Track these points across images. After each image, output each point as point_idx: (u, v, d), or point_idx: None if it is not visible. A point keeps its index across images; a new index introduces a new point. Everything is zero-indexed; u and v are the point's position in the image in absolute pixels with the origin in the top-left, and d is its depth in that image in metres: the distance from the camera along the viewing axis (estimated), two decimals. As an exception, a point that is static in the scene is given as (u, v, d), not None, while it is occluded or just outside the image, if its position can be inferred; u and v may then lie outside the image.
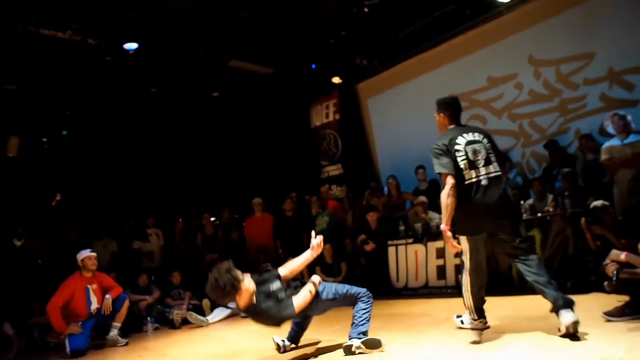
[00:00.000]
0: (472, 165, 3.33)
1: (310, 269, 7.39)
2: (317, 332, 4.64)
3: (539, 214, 5.65)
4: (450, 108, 3.64)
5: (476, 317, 3.58)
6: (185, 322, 6.62)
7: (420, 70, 8.83)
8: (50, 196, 9.65)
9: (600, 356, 2.62)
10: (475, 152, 3.36)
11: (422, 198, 7.17)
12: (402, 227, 6.93)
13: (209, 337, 5.59)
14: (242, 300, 3.35)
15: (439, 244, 6.27)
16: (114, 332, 5.78)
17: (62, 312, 5.53)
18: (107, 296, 5.78)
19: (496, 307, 4.63)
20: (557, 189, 6.24)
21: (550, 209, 5.61)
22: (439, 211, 6.94)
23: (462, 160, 3.33)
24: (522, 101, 7.66)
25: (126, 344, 5.67)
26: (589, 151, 6.26)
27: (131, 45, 6.99)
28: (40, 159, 9.33)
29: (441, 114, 3.65)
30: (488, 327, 3.62)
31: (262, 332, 5.38)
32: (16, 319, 6.27)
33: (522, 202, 6.13)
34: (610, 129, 5.60)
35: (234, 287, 3.26)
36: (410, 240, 6.64)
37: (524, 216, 5.78)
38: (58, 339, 5.79)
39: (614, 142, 5.53)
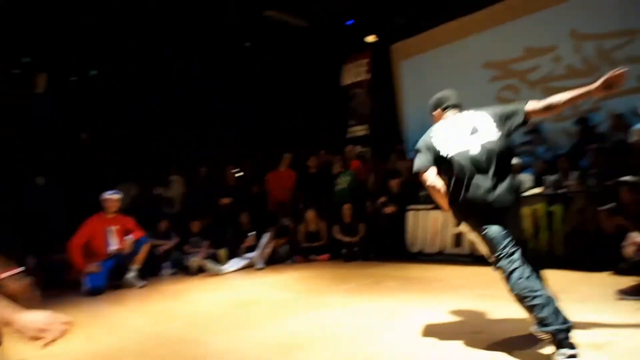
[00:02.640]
0: (459, 142, 2.91)
1: (328, 227, 7.53)
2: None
3: (563, 190, 5.61)
4: (442, 103, 3.16)
5: None
6: (201, 270, 6.82)
7: (458, 35, 8.58)
8: (75, 135, 9.81)
9: (610, 331, 2.65)
10: (456, 132, 2.93)
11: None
12: (422, 193, 6.94)
13: (223, 285, 5.76)
14: None
15: (458, 212, 6.29)
16: (132, 274, 5.96)
17: (83, 251, 5.71)
18: (128, 237, 5.95)
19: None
20: (583, 167, 6.16)
21: (574, 185, 5.57)
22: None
23: (443, 146, 2.91)
24: (558, 75, 7.44)
25: (144, 286, 5.87)
26: (619, 131, 6.12)
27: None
28: (68, 98, 9.41)
29: (434, 113, 3.22)
30: None
31: (274, 284, 5.57)
32: (39, 253, 6.51)
33: (546, 177, 6.08)
34: (643, 110, 5.46)
35: None
36: (430, 207, 6.66)
37: (547, 191, 5.76)
38: (77, 277, 5.96)
39: (645, 124, 5.40)
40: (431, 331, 2.99)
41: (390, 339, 2.91)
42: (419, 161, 2.94)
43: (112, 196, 6.06)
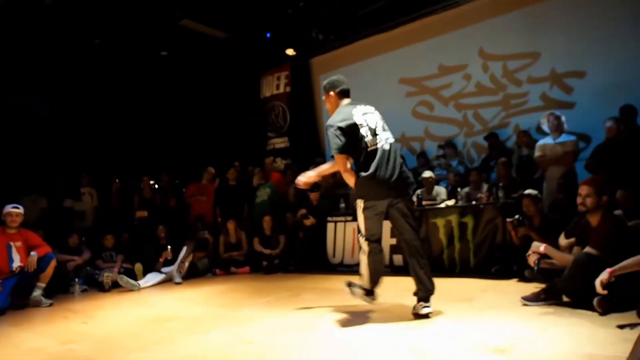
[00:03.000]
0: (373, 132, 3.46)
1: (249, 239, 7.42)
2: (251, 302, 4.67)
3: (474, 202, 5.90)
4: (340, 85, 3.69)
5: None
6: (115, 286, 6.44)
7: (375, 51, 8.87)
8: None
9: (514, 336, 2.80)
10: (371, 121, 3.51)
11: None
12: (342, 205, 7.04)
13: (138, 302, 5.48)
14: None
15: (377, 223, 6.43)
16: (37, 292, 5.51)
17: (-18, 269, 5.25)
18: (32, 253, 5.51)
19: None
20: (493, 180, 6.54)
21: (484, 198, 5.87)
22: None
23: (363, 129, 3.43)
24: (469, 92, 7.90)
25: (50, 305, 5.45)
26: (524, 146, 6.59)
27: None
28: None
29: (330, 93, 3.69)
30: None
31: (192, 298, 5.38)
32: None
33: (459, 189, 6.39)
34: (545, 127, 5.92)
35: None
36: (350, 218, 6.75)
37: (460, 203, 6.03)
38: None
39: (547, 140, 5.85)
40: (347, 343, 2.99)
41: (304, 355, 2.88)
42: (340, 143, 3.37)
43: (13, 210, 5.59)
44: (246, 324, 3.73)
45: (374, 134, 3.47)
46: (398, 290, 4.77)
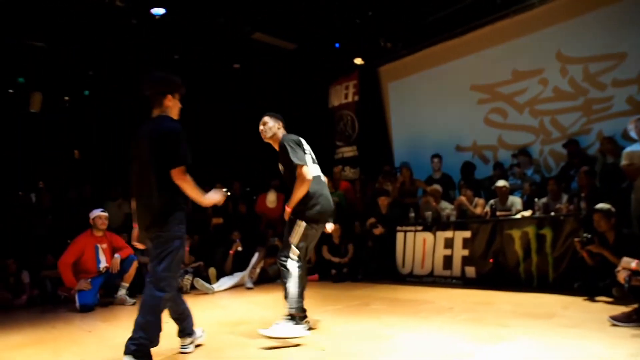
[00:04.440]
0: (314, 161, 3.84)
1: (317, 248, 7.49)
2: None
3: (552, 213, 5.62)
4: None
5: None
6: (192, 288, 6.75)
7: (445, 58, 8.70)
8: (68, 153, 9.79)
9: (601, 359, 2.63)
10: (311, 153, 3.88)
11: (437, 187, 7.16)
12: (412, 214, 6.95)
13: (213, 304, 5.70)
14: None
15: (448, 233, 6.30)
16: (122, 292, 5.93)
17: (73, 268, 5.73)
18: (115, 255, 5.93)
19: (501, 302, 4.67)
20: (573, 190, 6.19)
21: (564, 209, 5.57)
22: (451, 201, 7.00)
23: (308, 155, 3.78)
24: (545, 97, 7.53)
25: (134, 304, 5.81)
26: (609, 154, 6.16)
27: (158, 11, 6.97)
28: (61, 117, 9.44)
29: (281, 124, 4.15)
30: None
31: (264, 304, 5.51)
32: (32, 270, 6.53)
33: (535, 199, 6.10)
34: (632, 134, 5.50)
35: None
36: (420, 228, 6.66)
37: (537, 214, 5.76)
38: (68, 293, 5.96)
39: (636, 147, 5.43)
40: (418, 355, 2.94)
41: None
42: (301, 155, 3.67)
43: (101, 214, 6.04)
44: (317, 331, 3.77)
45: (314, 162, 3.86)
46: (470, 303, 4.64)
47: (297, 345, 3.32)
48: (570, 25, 7.28)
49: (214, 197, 3.13)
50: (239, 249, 7.13)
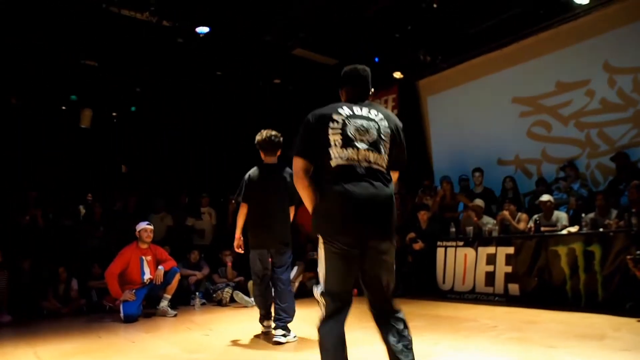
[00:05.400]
0: (347, 142, 2.35)
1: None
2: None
3: (601, 229, 5.42)
4: (350, 81, 2.67)
5: None
6: (232, 301, 6.85)
7: (485, 70, 8.58)
8: (116, 167, 10.19)
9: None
10: (359, 129, 2.39)
11: (479, 202, 7.03)
12: (452, 229, 6.84)
13: (253, 317, 5.67)
14: None
15: (490, 249, 6.17)
16: (164, 303, 6.07)
17: (119, 279, 5.91)
18: (159, 267, 6.08)
19: (547, 321, 4.52)
20: (623, 205, 5.95)
21: (613, 225, 5.37)
22: (493, 216, 6.85)
23: (335, 133, 2.37)
24: (592, 109, 7.30)
25: (175, 316, 5.95)
26: (661, 168, 5.92)
27: (203, 29, 7.21)
28: (109, 132, 9.86)
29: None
30: None
31: (302, 317, 5.51)
32: (80, 279, 6.80)
33: (582, 215, 5.90)
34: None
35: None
36: (461, 243, 6.54)
37: (584, 230, 5.56)
38: (113, 303, 6.18)
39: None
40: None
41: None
42: (300, 141, 2.54)
43: (147, 226, 6.23)
44: (359, 346, 3.75)
45: (350, 145, 2.35)
46: (514, 322, 4.52)
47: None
48: (618, 35, 7.04)
49: None
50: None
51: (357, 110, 2.47)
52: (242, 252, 4.50)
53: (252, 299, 6.78)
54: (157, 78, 8.99)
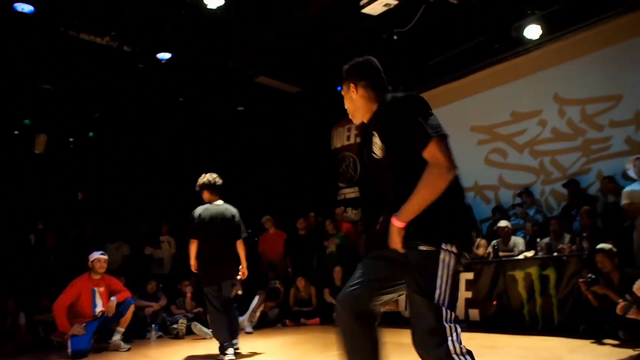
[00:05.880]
0: None
1: (319, 290, 7.39)
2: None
3: (555, 254, 5.56)
4: (372, 74, 2.31)
5: None
6: (189, 332, 6.61)
7: (445, 100, 8.83)
8: (71, 195, 9.83)
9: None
10: None
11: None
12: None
13: (211, 349, 5.53)
14: None
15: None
16: (117, 337, 5.78)
17: (68, 312, 5.58)
18: (112, 298, 5.81)
19: (506, 345, 4.55)
20: (575, 230, 6.14)
21: (566, 249, 5.52)
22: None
23: None
24: (544, 138, 7.59)
25: (128, 350, 5.67)
26: (610, 193, 6.14)
27: (164, 55, 7.17)
28: (65, 158, 9.54)
29: (361, 84, 2.26)
30: None
31: (265, 349, 5.38)
32: (27, 312, 6.42)
33: (538, 240, 6.06)
34: (631, 173, 5.54)
35: None
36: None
37: (540, 254, 5.70)
38: (62, 338, 5.78)
39: (636, 186, 5.45)
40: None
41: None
42: (433, 123, 2.03)
43: (101, 256, 5.97)
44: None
45: None
46: (474, 347, 4.51)
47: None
48: (567, 68, 7.41)
49: None
50: (239, 292, 7.03)
51: None
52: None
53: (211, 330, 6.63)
54: (116, 103, 8.82)
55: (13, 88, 7.88)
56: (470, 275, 6.01)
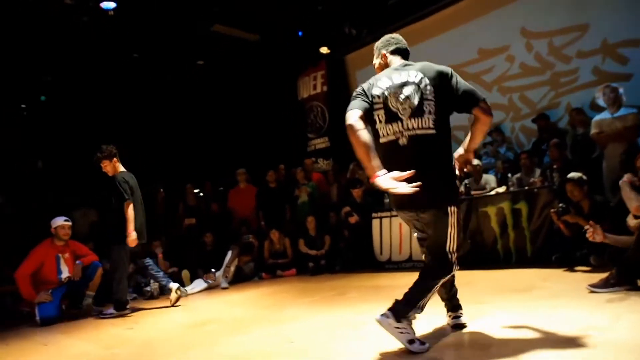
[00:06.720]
0: (390, 117, 2.45)
1: (293, 241, 7.30)
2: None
3: (526, 187, 5.54)
4: (391, 44, 2.78)
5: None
6: (162, 292, 6.46)
7: (411, 41, 8.30)
8: (31, 162, 9.41)
9: (586, 325, 2.49)
10: (399, 98, 2.44)
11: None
12: (387, 200, 6.79)
13: (184, 307, 5.42)
14: None
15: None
16: (87, 301, 5.65)
17: (32, 280, 5.37)
18: (77, 262, 5.62)
19: (480, 281, 4.55)
20: (546, 164, 6.12)
21: (537, 183, 5.50)
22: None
23: (378, 109, 2.49)
24: (513, 74, 7.46)
25: (100, 313, 5.51)
26: (579, 125, 6.11)
27: (108, 5, 6.66)
28: (20, 125, 9.06)
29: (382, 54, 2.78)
30: None
31: (236, 301, 5.31)
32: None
33: (509, 175, 6.02)
34: (600, 101, 5.46)
35: None
36: (395, 213, 6.49)
37: (511, 189, 5.67)
38: (31, 307, 5.60)
39: (604, 115, 5.40)
40: (387, 340, 2.77)
41: (341, 349, 2.70)
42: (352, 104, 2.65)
43: (64, 223, 5.70)
44: (289, 324, 3.59)
45: (394, 119, 2.45)
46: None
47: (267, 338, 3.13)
48: (532, 0, 7.21)
49: None
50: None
51: (395, 77, 2.50)
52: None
53: (187, 287, 6.50)
54: (66, 64, 8.28)
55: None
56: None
